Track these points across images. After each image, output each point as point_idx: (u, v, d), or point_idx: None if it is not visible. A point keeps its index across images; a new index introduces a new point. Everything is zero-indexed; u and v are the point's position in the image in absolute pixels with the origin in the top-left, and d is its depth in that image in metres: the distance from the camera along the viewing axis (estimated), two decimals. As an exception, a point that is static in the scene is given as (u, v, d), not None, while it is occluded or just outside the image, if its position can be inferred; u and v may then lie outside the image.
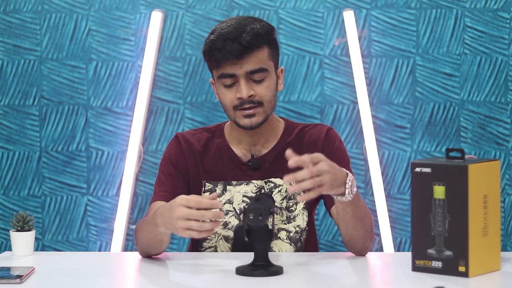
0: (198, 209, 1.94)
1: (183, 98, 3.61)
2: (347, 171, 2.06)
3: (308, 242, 2.35)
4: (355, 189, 2.06)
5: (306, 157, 1.95)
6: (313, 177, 1.94)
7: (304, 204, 2.33)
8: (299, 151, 2.33)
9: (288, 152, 1.97)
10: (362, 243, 2.19)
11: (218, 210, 1.95)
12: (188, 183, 2.34)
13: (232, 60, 2.21)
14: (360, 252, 2.21)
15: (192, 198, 1.96)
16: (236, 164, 2.33)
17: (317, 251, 2.41)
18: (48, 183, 3.62)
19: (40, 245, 3.62)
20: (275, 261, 2.06)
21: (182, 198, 1.97)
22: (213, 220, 1.95)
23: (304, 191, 1.96)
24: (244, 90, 2.22)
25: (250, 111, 2.24)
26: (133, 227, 3.58)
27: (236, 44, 2.19)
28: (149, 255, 2.21)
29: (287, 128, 2.37)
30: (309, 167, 1.95)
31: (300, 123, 2.40)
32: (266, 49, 2.25)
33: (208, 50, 2.23)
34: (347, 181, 2.03)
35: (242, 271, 1.99)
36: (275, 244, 2.31)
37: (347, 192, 2.04)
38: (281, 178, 2.31)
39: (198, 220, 1.94)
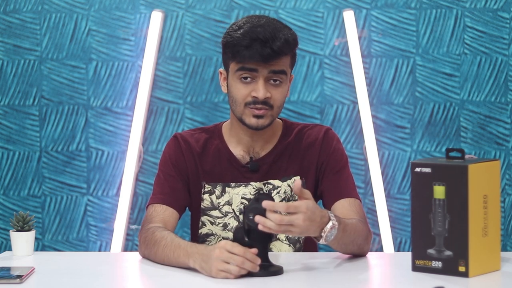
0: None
1: (183, 98, 3.61)
2: (331, 217, 2.03)
3: (307, 242, 2.35)
4: (332, 237, 2.03)
5: (281, 206, 1.94)
6: (282, 225, 1.93)
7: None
8: (298, 152, 2.33)
9: (297, 183, 1.97)
10: (358, 252, 2.19)
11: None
12: (188, 184, 2.34)
13: (258, 61, 2.20)
14: (360, 255, 2.21)
15: (237, 246, 1.96)
16: (234, 166, 2.33)
17: (316, 251, 2.41)
18: (48, 183, 3.62)
19: (40, 245, 3.62)
20: (275, 261, 2.06)
21: (227, 243, 1.96)
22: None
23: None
24: (261, 90, 2.21)
25: (261, 112, 2.23)
26: (133, 227, 3.58)
27: (267, 48, 2.16)
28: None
29: (286, 129, 2.37)
30: (283, 214, 1.94)
31: (299, 123, 2.40)
32: (289, 57, 2.25)
33: (234, 44, 2.20)
34: (324, 230, 2.01)
35: (242, 271, 1.99)
36: (274, 245, 2.31)
37: (321, 240, 2.03)
38: (280, 179, 2.31)
39: (237, 266, 1.94)
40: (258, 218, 1.94)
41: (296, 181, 1.98)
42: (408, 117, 3.61)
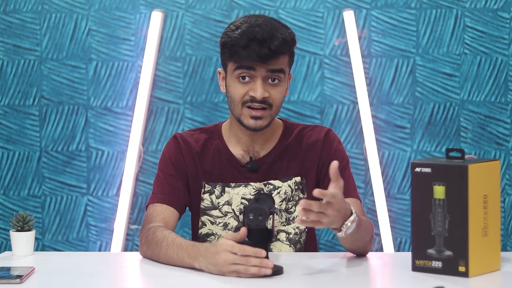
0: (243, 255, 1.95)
1: (183, 98, 3.61)
2: (352, 211, 2.03)
3: (307, 243, 2.34)
4: (351, 230, 2.03)
5: (328, 193, 1.94)
6: (319, 213, 1.94)
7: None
8: (298, 152, 2.33)
9: (334, 164, 1.96)
10: (362, 250, 2.19)
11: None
12: (187, 183, 2.33)
13: (255, 61, 2.19)
14: (361, 255, 2.21)
15: (236, 245, 1.94)
16: (234, 166, 2.33)
17: (317, 252, 2.41)
18: (48, 183, 3.62)
19: (40, 245, 3.62)
20: (275, 261, 2.05)
21: (227, 245, 1.95)
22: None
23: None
24: (259, 90, 2.20)
25: (259, 113, 2.23)
26: (133, 227, 3.58)
27: (265, 48, 2.16)
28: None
29: (286, 130, 2.37)
30: (322, 203, 1.93)
31: (299, 123, 2.39)
32: (287, 56, 2.24)
33: (232, 44, 2.20)
34: (347, 223, 2.02)
35: (242, 271, 1.99)
36: (274, 245, 2.31)
37: (340, 233, 2.03)
38: (280, 180, 2.31)
39: (243, 264, 1.94)
40: (303, 202, 1.90)
41: (333, 162, 1.96)
42: (408, 117, 3.61)
